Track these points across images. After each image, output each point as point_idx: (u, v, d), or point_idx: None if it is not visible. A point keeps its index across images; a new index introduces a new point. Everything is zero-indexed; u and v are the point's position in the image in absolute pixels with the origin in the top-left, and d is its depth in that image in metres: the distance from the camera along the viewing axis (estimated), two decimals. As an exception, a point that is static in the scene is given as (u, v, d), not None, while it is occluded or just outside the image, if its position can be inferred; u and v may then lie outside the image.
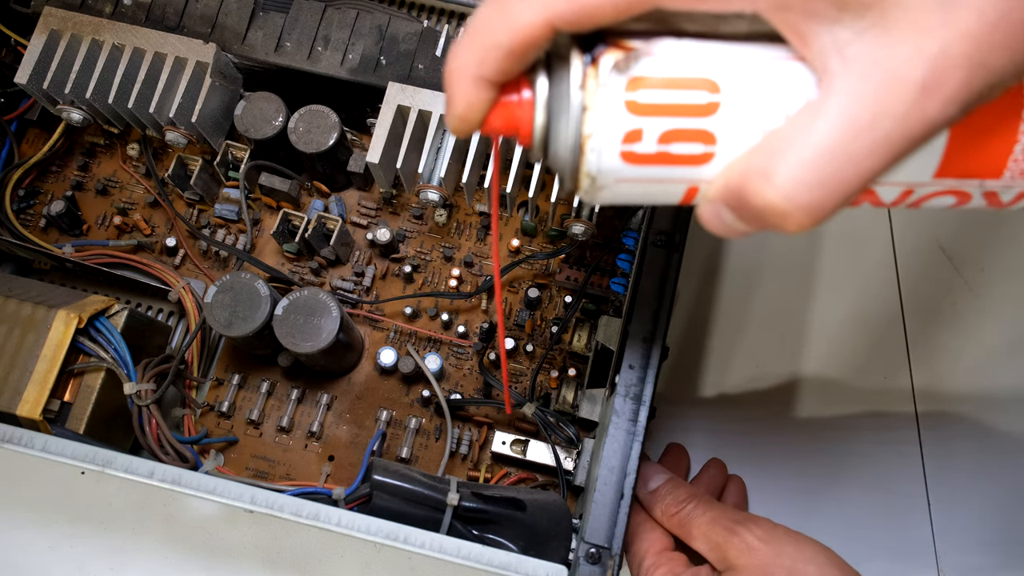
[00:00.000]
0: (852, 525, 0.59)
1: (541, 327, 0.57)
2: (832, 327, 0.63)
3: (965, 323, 0.64)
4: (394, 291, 0.58)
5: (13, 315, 0.47)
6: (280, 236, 0.55)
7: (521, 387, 0.56)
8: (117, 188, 0.60)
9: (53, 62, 0.52)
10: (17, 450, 0.42)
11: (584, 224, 0.51)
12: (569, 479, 0.51)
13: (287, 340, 0.49)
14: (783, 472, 0.56)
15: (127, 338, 0.49)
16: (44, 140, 0.59)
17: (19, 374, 0.46)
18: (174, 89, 0.53)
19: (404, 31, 0.54)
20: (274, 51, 0.54)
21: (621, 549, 0.41)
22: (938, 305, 0.64)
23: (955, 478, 0.60)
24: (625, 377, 0.44)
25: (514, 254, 0.58)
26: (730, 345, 0.63)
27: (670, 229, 0.47)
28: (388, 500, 0.44)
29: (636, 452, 0.43)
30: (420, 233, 0.59)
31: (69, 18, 0.53)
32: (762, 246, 0.65)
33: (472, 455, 0.54)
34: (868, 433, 0.61)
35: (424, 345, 0.57)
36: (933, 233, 0.66)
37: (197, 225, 0.59)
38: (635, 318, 0.45)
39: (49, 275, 0.59)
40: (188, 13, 0.55)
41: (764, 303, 0.64)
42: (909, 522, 0.59)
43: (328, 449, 0.55)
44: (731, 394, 0.62)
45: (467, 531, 0.45)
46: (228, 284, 0.49)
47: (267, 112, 0.54)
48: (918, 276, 0.64)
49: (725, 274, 0.64)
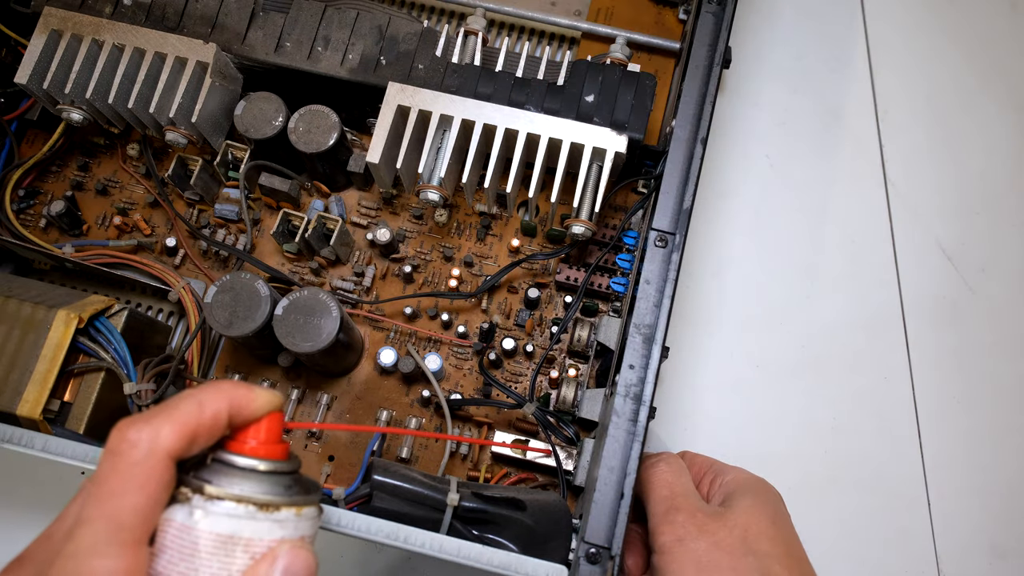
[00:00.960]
0: (852, 525, 0.59)
1: (541, 327, 0.57)
2: (832, 327, 0.63)
3: (965, 323, 0.64)
4: (394, 291, 0.58)
5: (13, 315, 0.47)
6: (280, 236, 0.55)
7: (521, 387, 0.56)
8: (117, 188, 0.60)
9: (53, 62, 0.52)
10: (17, 450, 0.42)
11: (584, 224, 0.51)
12: (569, 479, 0.51)
13: (287, 340, 0.49)
14: (783, 472, 0.56)
15: (127, 338, 0.49)
16: (44, 140, 0.59)
17: (19, 374, 0.46)
18: (174, 89, 0.53)
19: (404, 31, 0.54)
20: (274, 51, 0.54)
21: (621, 549, 0.41)
22: (938, 305, 0.64)
23: (955, 478, 0.60)
24: (625, 377, 0.44)
25: (514, 254, 0.58)
26: (730, 345, 0.63)
27: (670, 229, 0.47)
28: (388, 500, 0.44)
29: (636, 452, 0.42)
30: (420, 233, 0.59)
31: (69, 18, 0.53)
32: (762, 246, 0.65)
33: (472, 455, 0.54)
34: (868, 433, 0.61)
35: (424, 345, 0.57)
36: (933, 233, 0.66)
37: (197, 225, 0.59)
38: (635, 318, 0.45)
39: (49, 275, 0.59)
40: (188, 13, 0.55)
41: (764, 303, 0.64)
42: (909, 522, 0.59)
43: (328, 449, 0.55)
44: (731, 394, 0.62)
45: (467, 531, 0.45)
46: (228, 284, 0.49)
47: (267, 112, 0.54)
48: (918, 276, 0.64)
49: (725, 273, 0.64)
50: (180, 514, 0.30)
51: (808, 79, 0.69)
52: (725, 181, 0.66)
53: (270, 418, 0.32)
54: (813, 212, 0.66)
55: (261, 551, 0.30)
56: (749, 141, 0.67)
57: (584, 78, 0.53)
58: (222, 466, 0.31)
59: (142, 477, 0.28)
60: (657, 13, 0.64)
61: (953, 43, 0.71)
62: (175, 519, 0.30)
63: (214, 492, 0.30)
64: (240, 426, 0.32)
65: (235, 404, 0.31)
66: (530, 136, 0.51)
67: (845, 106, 0.69)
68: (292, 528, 0.31)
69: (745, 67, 0.69)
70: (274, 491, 0.31)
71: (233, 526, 0.30)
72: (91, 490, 0.29)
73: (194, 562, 0.29)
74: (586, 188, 0.52)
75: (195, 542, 0.29)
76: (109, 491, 0.28)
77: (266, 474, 0.31)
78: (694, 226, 0.59)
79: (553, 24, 0.63)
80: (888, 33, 0.71)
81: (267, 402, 0.32)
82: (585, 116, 0.52)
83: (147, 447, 0.28)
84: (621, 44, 0.55)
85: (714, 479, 0.46)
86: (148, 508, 0.29)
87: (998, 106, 0.69)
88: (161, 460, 0.29)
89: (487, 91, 0.53)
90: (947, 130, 0.68)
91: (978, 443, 0.61)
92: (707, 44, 0.51)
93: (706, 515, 0.42)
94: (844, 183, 0.67)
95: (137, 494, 0.28)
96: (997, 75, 0.70)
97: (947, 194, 0.67)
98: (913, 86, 0.69)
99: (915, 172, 0.67)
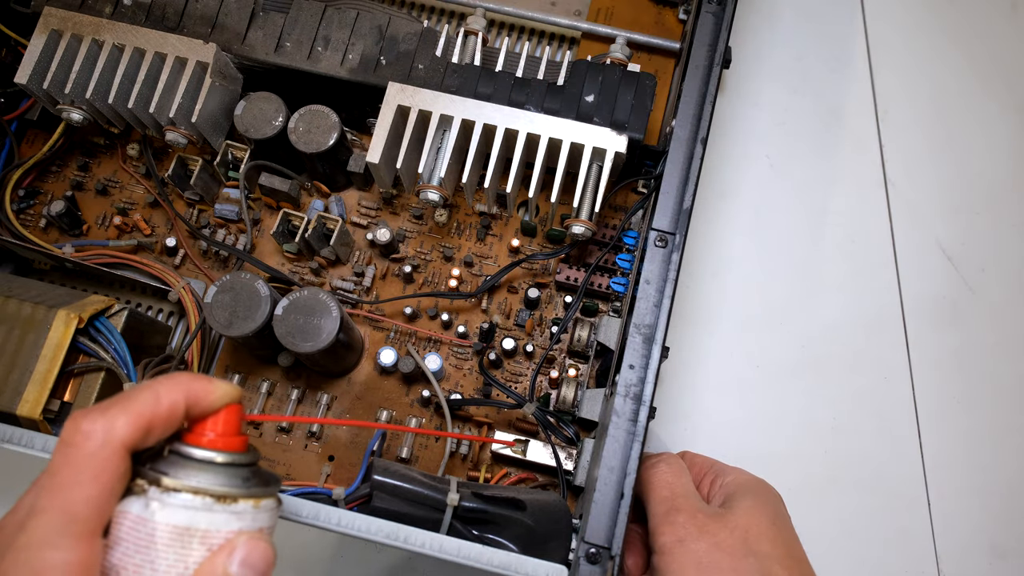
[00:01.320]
0: (852, 525, 0.59)
1: (541, 327, 0.57)
2: (832, 327, 0.63)
3: (965, 323, 0.64)
4: (394, 291, 0.58)
5: (13, 315, 0.47)
6: (280, 236, 0.55)
7: (521, 387, 0.56)
8: (117, 188, 0.60)
9: (53, 62, 0.52)
10: (17, 450, 0.42)
11: (584, 224, 0.51)
12: (569, 479, 0.51)
13: (287, 340, 0.49)
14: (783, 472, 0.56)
15: (127, 338, 0.49)
16: (44, 140, 0.59)
17: (19, 374, 0.46)
18: (174, 89, 0.53)
19: (404, 31, 0.54)
20: (274, 51, 0.54)
21: (621, 549, 0.41)
22: (938, 305, 0.64)
23: (955, 478, 0.60)
24: (625, 377, 0.44)
25: (514, 254, 0.58)
26: (730, 345, 0.63)
27: (670, 229, 0.47)
28: (388, 500, 0.44)
29: (636, 452, 0.42)
30: (420, 233, 0.59)
31: (69, 18, 0.53)
32: (762, 246, 0.65)
33: (472, 455, 0.54)
34: (868, 433, 0.61)
35: (424, 345, 0.57)
36: (933, 233, 0.66)
37: (197, 225, 0.59)
38: (635, 318, 0.45)
39: (49, 275, 0.59)
40: (188, 13, 0.55)
41: (764, 303, 0.64)
42: (909, 522, 0.59)
43: (328, 449, 0.55)
44: (731, 394, 0.62)
45: (467, 531, 0.45)
46: (228, 284, 0.49)
47: (267, 112, 0.54)
48: (918, 276, 0.64)
49: (725, 274, 0.64)
50: (136, 506, 0.30)
51: (808, 79, 0.69)
52: (725, 181, 0.66)
53: (228, 410, 0.32)
54: (813, 212, 0.66)
55: (218, 543, 0.30)
56: (749, 141, 0.67)
57: (584, 78, 0.53)
58: (179, 458, 0.31)
59: (96, 468, 0.28)
60: (657, 13, 0.64)
61: (953, 43, 0.71)
62: (131, 511, 0.30)
63: (171, 484, 0.30)
64: (198, 418, 0.32)
65: (192, 396, 0.31)
66: (530, 136, 0.51)
67: (845, 106, 0.69)
68: (250, 520, 0.31)
69: (745, 67, 0.69)
70: (231, 483, 0.31)
71: (189, 518, 0.30)
72: (44, 482, 0.29)
73: (150, 554, 0.29)
74: (586, 188, 0.52)
75: (151, 534, 0.29)
76: (62, 482, 0.28)
77: (224, 466, 0.31)
78: (694, 226, 0.59)
79: (553, 24, 0.63)
80: (888, 33, 0.71)
81: (225, 394, 0.32)
82: (585, 116, 0.52)
83: (101, 438, 0.28)
84: (621, 44, 0.55)
85: (714, 480, 0.46)
86: (102, 500, 0.28)
87: (998, 106, 0.69)
88: (116, 451, 0.29)
89: (487, 91, 0.53)
90: (947, 130, 0.68)
91: (978, 443, 0.61)
92: (707, 44, 0.51)
93: (707, 516, 0.42)
94: (844, 183, 0.67)
95: (90, 485, 0.28)
96: (997, 75, 0.70)
97: (947, 194, 0.67)
98: (913, 86, 0.69)
99: (915, 172, 0.67)
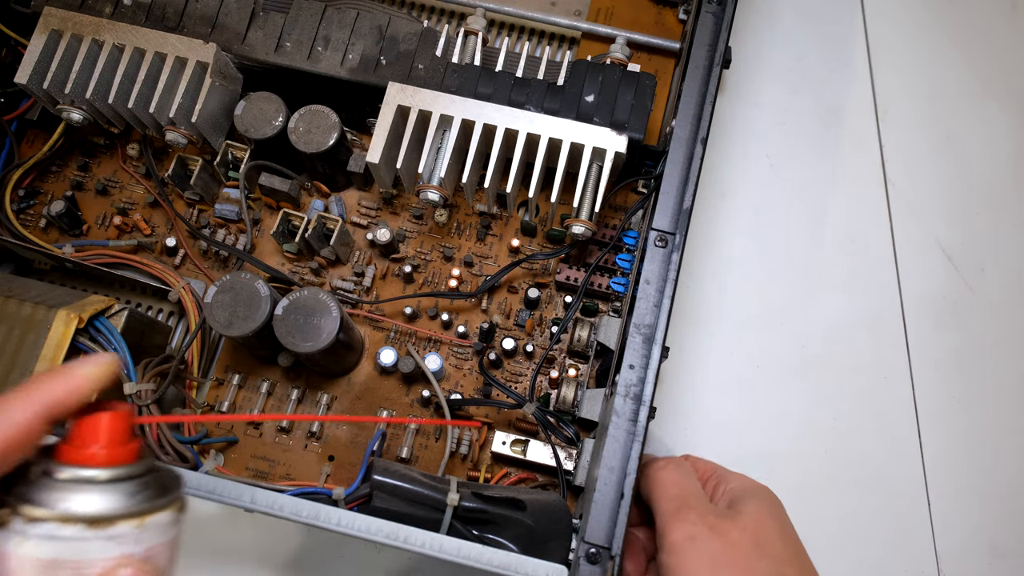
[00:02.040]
0: (852, 525, 0.59)
1: (541, 327, 0.57)
2: (832, 327, 0.63)
3: (965, 323, 0.64)
4: (394, 291, 0.58)
5: (13, 315, 0.47)
6: (280, 236, 0.55)
7: (521, 387, 0.56)
8: (117, 188, 0.60)
9: (53, 62, 0.52)
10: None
11: (584, 224, 0.51)
12: (569, 479, 0.51)
13: (287, 340, 0.49)
14: (783, 472, 0.56)
15: (127, 338, 0.49)
16: (44, 140, 0.59)
17: (19, 374, 0.46)
18: (174, 89, 0.53)
19: (404, 31, 0.54)
20: (274, 51, 0.54)
21: (621, 549, 0.41)
22: (938, 305, 0.64)
23: (955, 478, 0.60)
24: (625, 377, 0.44)
25: (514, 254, 0.58)
26: (730, 345, 0.63)
27: (670, 229, 0.47)
28: (388, 500, 0.44)
29: (636, 452, 0.42)
30: (420, 233, 0.59)
31: (69, 18, 0.53)
32: (762, 246, 0.65)
33: (472, 455, 0.54)
34: (868, 433, 0.61)
35: (424, 345, 0.57)
36: (933, 233, 0.66)
37: (197, 225, 0.59)
38: (635, 318, 0.45)
39: (49, 275, 0.59)
40: (188, 13, 0.55)
41: (764, 303, 0.64)
42: (909, 522, 0.59)
43: (328, 449, 0.55)
44: (731, 394, 0.62)
45: (467, 531, 0.45)
46: (228, 284, 0.49)
47: (267, 112, 0.54)
48: (918, 276, 0.64)
49: (725, 274, 0.64)
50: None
51: (808, 79, 0.69)
52: (725, 181, 0.66)
53: (111, 416, 0.29)
54: (813, 212, 0.66)
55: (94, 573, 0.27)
56: (749, 141, 0.67)
57: (584, 78, 0.53)
58: (48, 480, 0.28)
59: None
60: (657, 13, 0.64)
61: (953, 43, 0.71)
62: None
63: (34, 513, 0.27)
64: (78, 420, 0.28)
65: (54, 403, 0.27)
66: (530, 136, 0.51)
67: (845, 106, 0.69)
68: (132, 542, 0.28)
69: (745, 67, 0.69)
70: (111, 503, 0.28)
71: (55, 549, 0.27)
72: None
73: None
74: (586, 188, 0.52)
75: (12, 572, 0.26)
76: None
77: (105, 483, 0.28)
78: (694, 226, 0.59)
79: (553, 24, 0.63)
80: (888, 33, 0.71)
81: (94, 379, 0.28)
82: (585, 116, 0.52)
83: None
84: (621, 44, 0.55)
85: (717, 484, 0.46)
86: None
87: (998, 106, 0.69)
88: None
89: (487, 91, 0.53)
90: (947, 130, 0.68)
91: (978, 443, 0.61)
92: (707, 44, 0.51)
93: (717, 516, 0.42)
94: (844, 183, 0.67)
95: None
96: (997, 75, 0.70)
97: (947, 194, 0.67)
98: (913, 86, 0.69)
99: (915, 172, 0.67)
